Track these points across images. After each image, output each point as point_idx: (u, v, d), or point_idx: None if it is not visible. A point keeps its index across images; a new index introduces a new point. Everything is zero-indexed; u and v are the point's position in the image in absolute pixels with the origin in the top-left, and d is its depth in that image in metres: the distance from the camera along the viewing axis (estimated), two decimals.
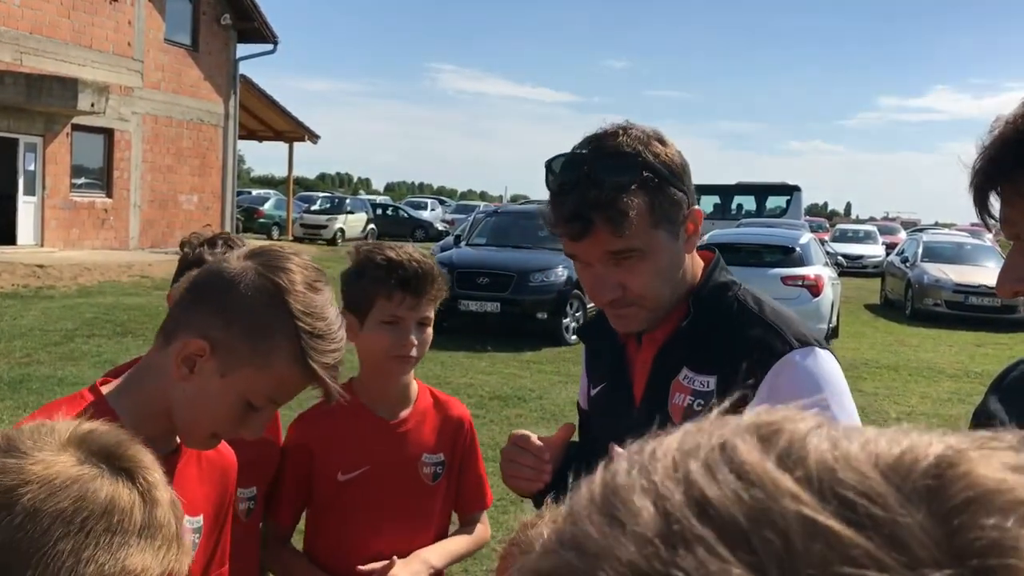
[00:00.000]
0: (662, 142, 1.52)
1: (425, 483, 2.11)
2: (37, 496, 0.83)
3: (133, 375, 1.46)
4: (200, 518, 1.60)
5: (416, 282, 2.00)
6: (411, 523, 2.09)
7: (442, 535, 2.16)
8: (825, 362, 1.51)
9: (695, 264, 1.62)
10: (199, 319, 1.36)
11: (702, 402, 1.52)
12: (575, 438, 1.94)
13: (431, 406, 2.16)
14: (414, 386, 2.15)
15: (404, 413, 2.11)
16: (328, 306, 1.39)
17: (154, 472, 0.90)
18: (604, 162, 1.48)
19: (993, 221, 1.19)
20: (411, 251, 2.05)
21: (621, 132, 1.51)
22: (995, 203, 1.18)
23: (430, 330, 2.06)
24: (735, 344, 1.52)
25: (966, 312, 16.61)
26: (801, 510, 0.34)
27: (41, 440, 0.89)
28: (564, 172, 1.50)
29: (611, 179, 1.46)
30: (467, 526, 2.23)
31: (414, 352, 2.01)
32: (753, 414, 0.40)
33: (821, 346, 1.54)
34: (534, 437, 1.69)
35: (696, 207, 1.57)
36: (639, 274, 1.51)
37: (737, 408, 0.43)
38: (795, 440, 0.38)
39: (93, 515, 0.84)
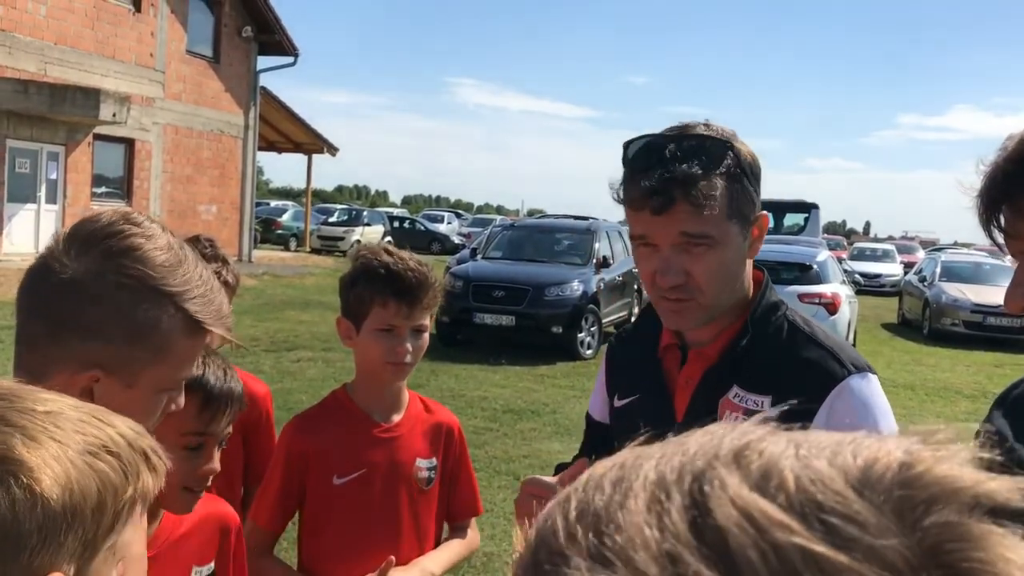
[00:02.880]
0: (742, 142, 1.55)
1: (418, 487, 2.13)
2: None
3: None
4: (211, 565, 1.70)
5: (412, 292, 2.01)
6: (405, 528, 2.10)
7: (435, 541, 2.18)
8: (877, 389, 1.54)
9: (749, 277, 1.62)
10: (69, 351, 1.17)
11: None
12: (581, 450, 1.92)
13: (422, 412, 2.19)
14: (405, 392, 2.17)
15: (397, 418, 2.13)
16: (188, 259, 1.23)
17: (34, 464, 0.81)
18: (692, 143, 1.49)
19: (999, 233, 1.20)
20: (407, 259, 2.05)
21: (704, 125, 1.54)
22: (1003, 219, 1.19)
23: (426, 336, 2.09)
24: (790, 365, 1.53)
25: (984, 332, 16.49)
26: (795, 540, 0.35)
27: None
28: (647, 151, 1.50)
29: (699, 159, 1.47)
30: (458, 532, 2.25)
31: (408, 359, 2.04)
32: (727, 439, 0.41)
33: (872, 372, 1.55)
34: (546, 480, 1.61)
35: (764, 212, 1.58)
36: (706, 263, 1.51)
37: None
38: (769, 464, 0.39)
39: None
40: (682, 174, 1.45)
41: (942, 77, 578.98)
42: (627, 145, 1.54)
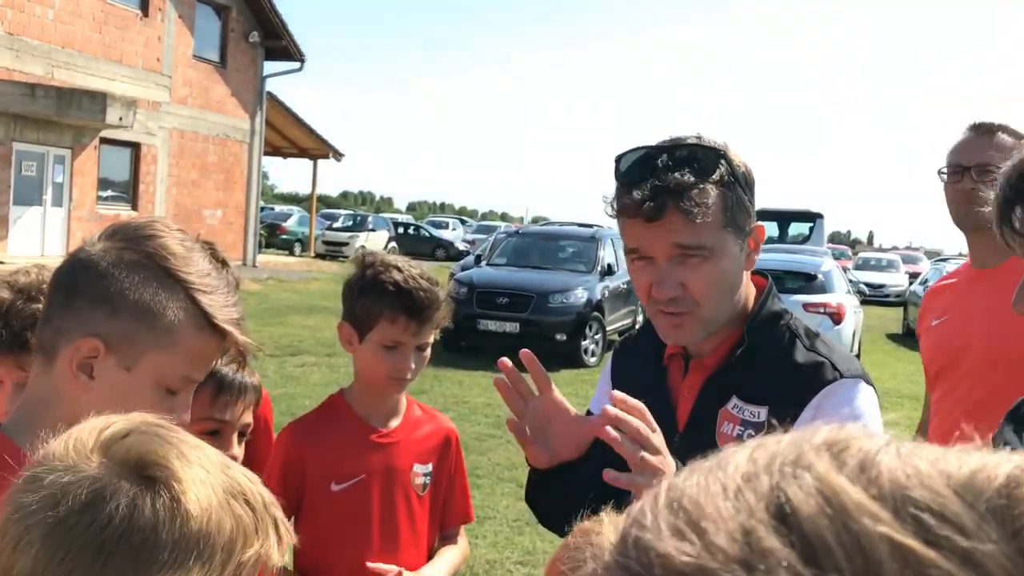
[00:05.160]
0: (736, 152, 1.53)
1: (415, 493, 2.13)
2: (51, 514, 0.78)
3: (25, 408, 1.25)
4: None
5: (422, 310, 2.01)
6: (403, 533, 2.10)
7: (431, 547, 2.18)
8: (868, 397, 1.52)
9: (748, 287, 1.60)
10: (78, 320, 1.21)
11: (752, 432, 1.49)
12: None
13: (419, 418, 2.19)
14: (403, 398, 2.17)
15: (395, 423, 2.14)
16: (206, 259, 1.28)
17: (184, 478, 0.81)
18: (684, 153, 1.47)
19: (1013, 235, 1.20)
20: (418, 276, 2.04)
21: (696, 137, 1.52)
22: (1017, 219, 1.20)
23: (428, 352, 2.09)
24: (786, 375, 1.52)
25: None
26: (881, 529, 0.34)
27: (70, 449, 0.82)
28: (638, 164, 1.49)
29: (691, 167, 1.45)
30: (448, 539, 2.24)
31: (409, 375, 2.05)
32: (823, 432, 0.40)
33: (867, 382, 1.54)
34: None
35: (760, 224, 1.56)
36: (702, 275, 1.48)
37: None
38: (866, 458, 0.38)
39: (112, 535, 0.77)
40: (674, 182, 1.44)
41: (943, 87, 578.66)
42: (619, 159, 1.52)
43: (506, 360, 1.53)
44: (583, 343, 12.44)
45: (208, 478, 0.82)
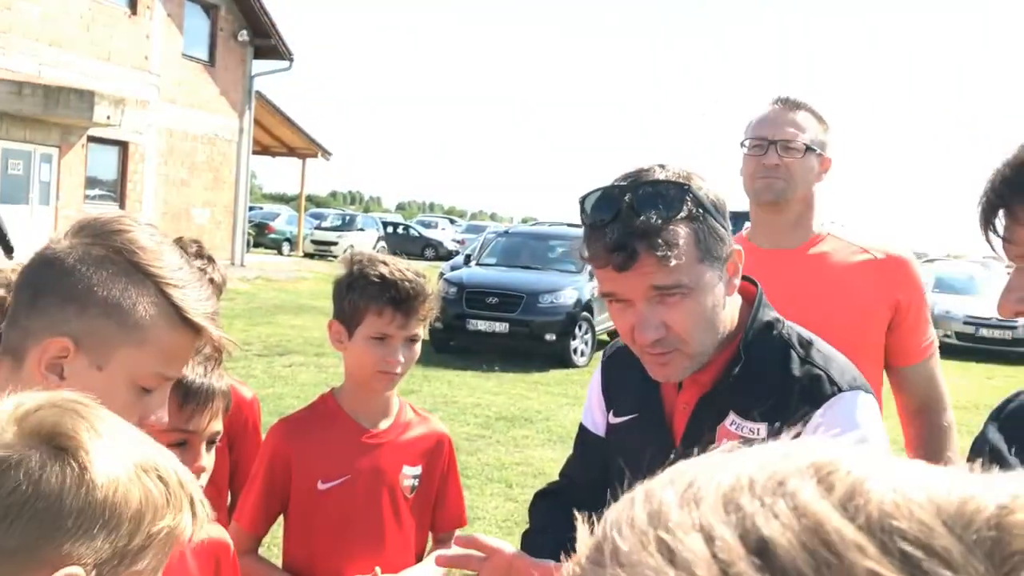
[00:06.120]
0: (701, 178, 1.49)
1: (403, 495, 2.12)
2: None
3: None
4: None
5: (407, 301, 2.01)
6: (388, 535, 2.09)
7: (420, 551, 2.17)
8: (867, 408, 1.50)
9: (733, 305, 1.57)
10: (46, 319, 1.17)
11: None
12: (575, 460, 1.89)
13: (411, 420, 2.19)
14: (395, 399, 2.17)
15: (385, 424, 2.13)
16: (177, 254, 1.24)
17: (91, 449, 0.83)
18: (648, 190, 1.43)
19: (996, 237, 1.21)
20: (404, 268, 2.05)
21: (659, 168, 1.47)
22: (1000, 224, 1.21)
23: (417, 346, 2.09)
24: (783, 391, 1.50)
25: (976, 344, 16.51)
26: (867, 564, 0.34)
27: None
28: (603, 205, 1.45)
29: (656, 208, 1.41)
30: (443, 543, 2.23)
31: (399, 369, 2.04)
32: (810, 451, 0.39)
33: (867, 391, 1.52)
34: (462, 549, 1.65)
35: (737, 248, 1.52)
36: (684, 312, 1.45)
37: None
38: (856, 484, 0.37)
39: (17, 501, 0.80)
40: (641, 226, 1.39)
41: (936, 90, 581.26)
42: (583, 200, 1.48)
43: (440, 554, 1.70)
44: (572, 343, 12.43)
45: (118, 451, 0.85)
